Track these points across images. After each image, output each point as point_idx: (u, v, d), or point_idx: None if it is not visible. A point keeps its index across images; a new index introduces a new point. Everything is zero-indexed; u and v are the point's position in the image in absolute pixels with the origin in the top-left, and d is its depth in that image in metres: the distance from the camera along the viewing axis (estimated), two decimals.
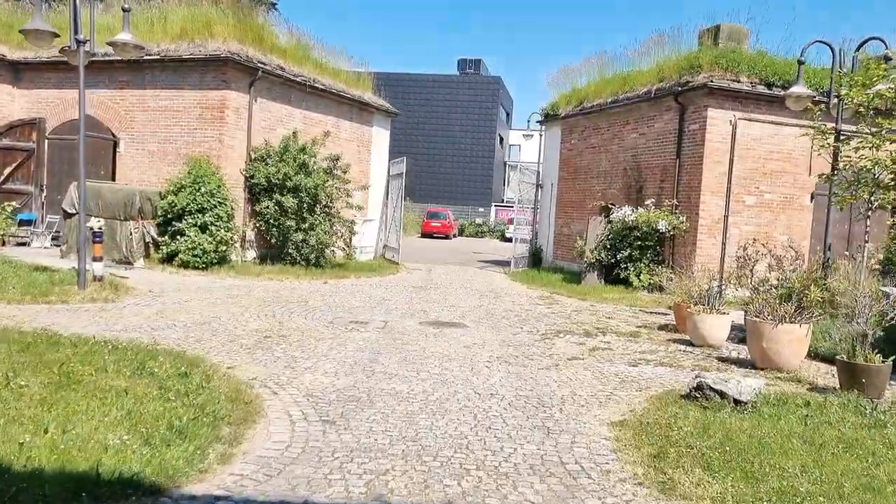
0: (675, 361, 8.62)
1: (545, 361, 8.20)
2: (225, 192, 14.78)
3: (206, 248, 14.22)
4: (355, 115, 19.97)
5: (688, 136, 15.44)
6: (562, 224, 20.70)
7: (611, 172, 18.33)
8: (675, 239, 15.67)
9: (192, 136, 15.56)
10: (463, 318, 11.39)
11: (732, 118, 14.94)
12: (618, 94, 17.87)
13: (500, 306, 13.12)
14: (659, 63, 16.69)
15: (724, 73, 14.86)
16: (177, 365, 6.31)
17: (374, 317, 10.93)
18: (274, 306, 11.13)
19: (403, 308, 12.12)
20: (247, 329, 9.03)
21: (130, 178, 16.14)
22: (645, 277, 15.62)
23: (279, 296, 12.32)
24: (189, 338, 8.17)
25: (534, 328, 10.78)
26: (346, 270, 16.85)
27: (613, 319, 12.10)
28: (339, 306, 11.75)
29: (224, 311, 10.29)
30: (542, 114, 21.57)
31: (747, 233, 15.33)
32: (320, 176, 16.35)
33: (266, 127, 16.47)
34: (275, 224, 15.87)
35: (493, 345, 9.17)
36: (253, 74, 15.63)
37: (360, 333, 9.36)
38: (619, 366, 8.18)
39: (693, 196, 15.23)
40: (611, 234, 16.54)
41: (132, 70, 16.01)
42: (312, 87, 17.48)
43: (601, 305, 13.92)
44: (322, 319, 10.29)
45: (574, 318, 11.94)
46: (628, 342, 9.88)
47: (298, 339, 8.58)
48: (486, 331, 10.29)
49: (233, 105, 15.40)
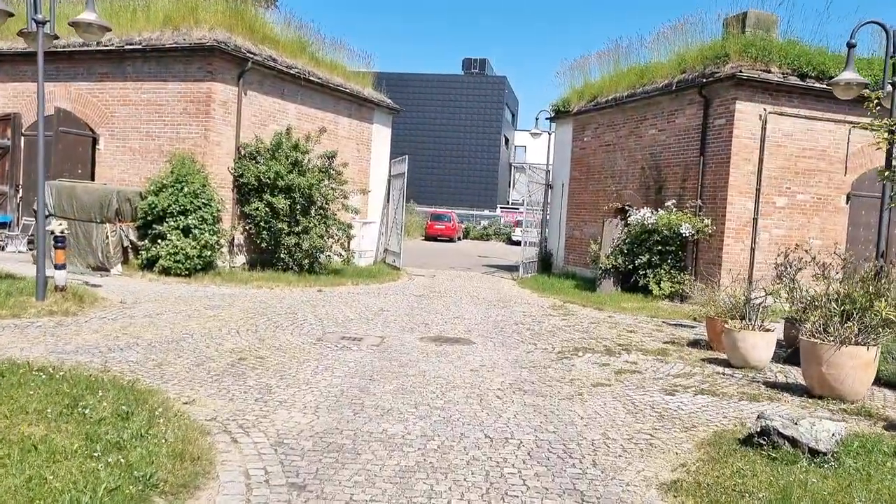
0: (716, 388, 7.40)
1: (566, 389, 6.99)
2: (210, 192, 13.62)
3: (189, 253, 13.06)
4: (354, 111, 18.80)
5: (713, 132, 14.21)
6: (573, 227, 19.48)
7: (627, 172, 17.11)
8: (699, 243, 14.44)
9: (175, 132, 14.40)
10: (469, 333, 10.20)
11: (762, 112, 13.75)
12: (634, 87, 16.65)
13: (510, 318, 11.92)
14: (680, 53, 15.46)
15: (754, 63, 13.62)
16: (120, 401, 5.13)
17: (370, 331, 9.74)
18: (258, 319, 9.95)
19: (403, 320, 10.94)
20: (221, 349, 7.84)
21: (111, 177, 14.99)
22: (666, 285, 14.40)
23: (266, 306, 11.14)
24: (149, 361, 6.98)
25: (548, 344, 9.59)
26: (342, 277, 15.67)
27: (636, 333, 10.89)
28: (332, 319, 10.57)
29: (199, 325, 9.11)
30: (551, 110, 20.36)
31: (777, 237, 14.11)
32: (315, 175, 15.19)
33: (257, 122, 15.31)
34: (265, 227, 14.70)
35: (504, 366, 7.98)
36: (242, 65, 14.46)
37: (352, 353, 8.17)
38: (652, 394, 6.97)
39: (719, 197, 14.00)
40: (628, 238, 15.32)
41: (112, 61, 14.87)
42: (307, 80, 16.32)
43: (620, 316, 12.71)
44: (310, 335, 9.11)
45: (592, 333, 10.74)
46: (657, 362, 8.67)
47: (278, 362, 7.39)
48: (496, 348, 9.10)
49: (219, 98, 14.24)
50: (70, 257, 13.39)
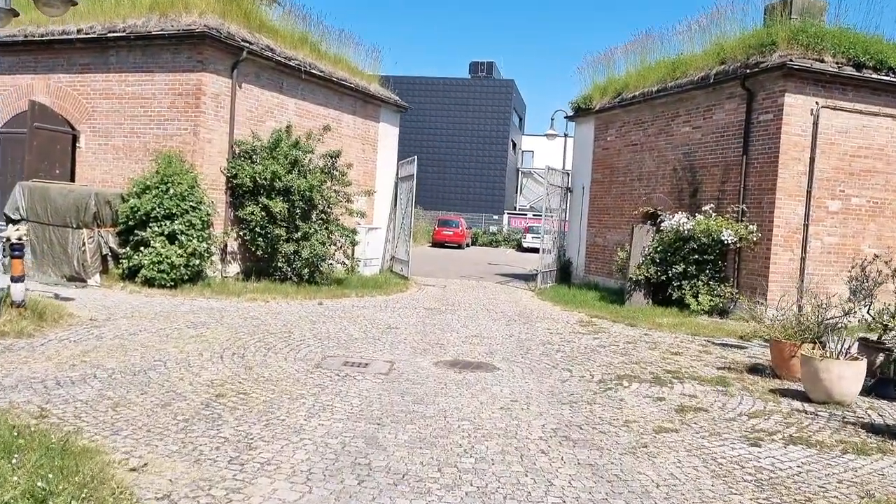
0: (807, 435, 5.98)
1: (624, 437, 5.58)
2: (200, 194, 12.26)
3: (174, 262, 11.69)
4: (359, 108, 17.45)
5: (758, 129, 12.80)
6: (595, 233, 18.07)
7: (656, 173, 15.70)
8: (742, 252, 13.01)
9: (162, 129, 13.05)
10: (491, 355, 8.81)
11: (814, 106, 12.34)
12: (665, 81, 15.24)
13: (535, 336, 10.52)
14: (718, 43, 14.05)
15: (805, 52, 12.22)
16: (41, 469, 3.76)
17: (377, 354, 8.35)
18: (247, 340, 8.56)
19: (414, 340, 9.55)
20: (197, 381, 6.46)
21: (92, 178, 13.65)
22: (704, 299, 12.97)
23: (258, 323, 9.76)
24: (103, 400, 5.60)
25: (585, 370, 8.19)
26: (346, 288, 14.29)
27: (682, 356, 9.47)
28: (333, 338, 9.19)
29: (177, 349, 7.73)
30: (571, 108, 18.96)
31: (830, 245, 12.69)
32: (316, 176, 13.82)
33: (253, 118, 13.97)
34: (261, 233, 13.33)
35: (540, 401, 6.58)
36: (236, 55, 13.12)
37: (357, 384, 6.78)
38: (733, 445, 5.56)
39: (765, 200, 12.58)
40: (660, 246, 13.90)
41: (94, 50, 13.54)
42: (308, 73, 14.97)
43: (657, 335, 11.29)
44: (307, 360, 7.72)
45: (632, 355, 9.32)
46: (720, 395, 7.25)
47: (266, 400, 6.00)
48: (525, 375, 7.70)
49: (211, 91, 12.89)
50: (43, 266, 12.09)
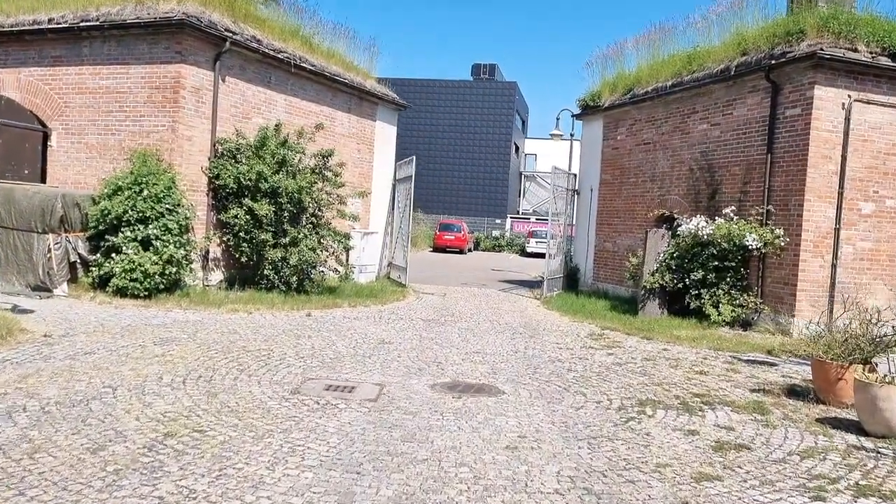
0: (876, 482, 4.95)
1: (656, 488, 4.57)
2: (178, 196, 11.29)
3: (148, 270, 10.70)
4: (354, 105, 16.48)
5: (784, 124, 11.79)
6: (604, 238, 17.05)
7: (671, 174, 14.69)
8: (766, 258, 11.98)
9: (138, 125, 12.08)
10: (495, 375, 7.81)
11: (846, 99, 11.33)
12: (681, 75, 14.25)
13: (543, 351, 9.51)
14: (739, 33, 13.05)
15: (836, 41, 11.22)
16: None
17: (366, 375, 7.36)
18: (219, 359, 7.57)
19: (409, 357, 8.54)
20: (145, 415, 5.46)
21: (64, 179, 12.68)
22: (726, 309, 11.94)
23: (235, 339, 8.77)
24: (21, 443, 4.60)
25: (601, 393, 7.18)
26: (338, 297, 13.28)
27: (708, 375, 8.45)
28: (317, 356, 8.19)
29: (134, 372, 6.73)
30: (578, 105, 17.96)
31: (863, 251, 11.67)
32: (306, 177, 12.84)
33: (238, 115, 13.00)
34: (245, 238, 12.34)
35: (552, 437, 5.58)
36: (218, 46, 12.15)
37: (338, 416, 5.78)
38: (791, 497, 4.54)
39: (793, 202, 11.56)
40: (676, 252, 12.88)
41: (66, 41, 12.58)
42: (298, 66, 13.99)
43: (676, 349, 10.28)
44: (284, 384, 6.72)
45: (652, 374, 8.31)
46: (761, 427, 6.23)
47: (223, 441, 4.99)
48: (533, 401, 6.71)
49: (190, 84, 11.92)
50: (7, 275, 11.13)
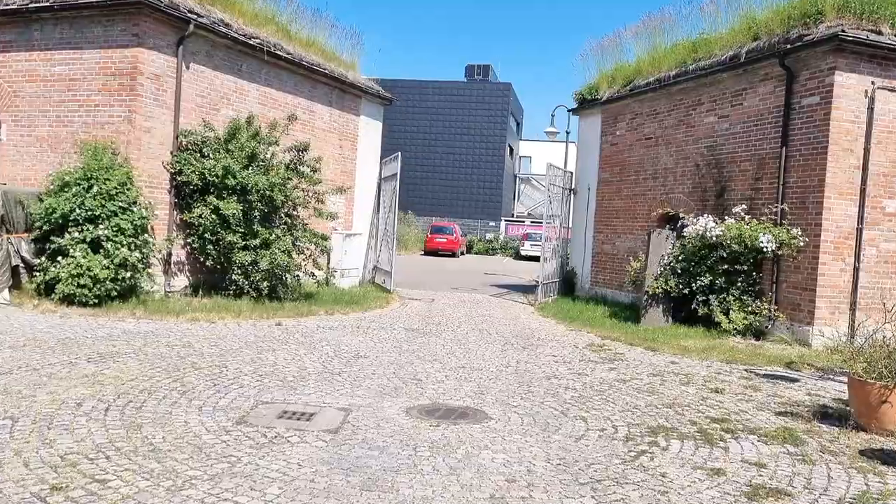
0: None
1: None
2: (133, 193, 10.22)
3: (97, 276, 9.62)
4: (336, 98, 15.42)
5: (800, 115, 10.80)
6: (603, 240, 16.02)
7: (674, 171, 13.67)
8: (781, 261, 10.98)
9: (93, 116, 11.01)
10: (482, 396, 6.76)
11: (869, 86, 10.34)
12: (685, 64, 13.26)
13: (537, 366, 8.46)
14: (750, 16, 12.05)
15: (859, 22, 10.24)
16: None
17: (331, 398, 6.29)
18: (160, 379, 6.49)
19: (385, 373, 7.49)
20: (38, 458, 4.37)
21: (13, 175, 11.57)
22: (737, 316, 10.93)
23: (187, 354, 7.69)
24: None
25: (605, 418, 6.14)
26: (315, 304, 12.21)
27: (724, 394, 7.42)
28: (279, 373, 7.13)
29: (49, 397, 5.65)
30: (575, 100, 16.95)
31: (888, 252, 10.68)
32: (279, 173, 11.78)
33: (204, 105, 11.93)
34: (211, 240, 11.28)
35: (549, 479, 4.54)
36: (182, 29, 11.09)
37: (286, 453, 4.71)
38: None
39: (810, 200, 10.55)
40: (682, 255, 11.87)
41: (16, 25, 11.49)
42: (272, 54, 12.94)
43: (686, 362, 9.25)
44: (230, 410, 5.65)
45: (662, 394, 7.27)
46: (798, 462, 5.19)
47: (124, 497, 3.91)
48: (525, 428, 5.67)
49: (150, 70, 10.85)
50: None
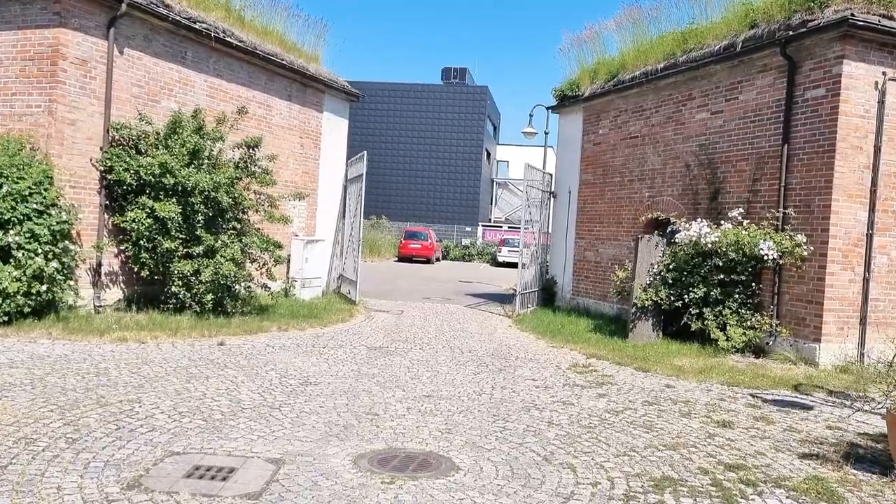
0: None
1: None
2: (52, 194, 8.90)
3: (7, 289, 8.27)
4: (296, 92, 14.19)
5: (804, 109, 9.80)
6: (585, 247, 14.95)
7: (663, 172, 12.63)
8: (783, 271, 9.96)
9: (9, 106, 9.66)
10: (449, 436, 5.59)
11: (881, 77, 9.37)
12: (674, 56, 12.24)
13: (515, 393, 7.31)
14: (745, 2, 11.04)
15: (868, 6, 9.28)
16: None
17: (261, 445, 5.06)
18: (49, 422, 5.21)
19: (336, 407, 6.27)
20: None
21: None
22: (735, 332, 9.88)
23: (98, 384, 6.40)
24: None
25: (597, 466, 5.00)
26: (268, 318, 10.95)
27: (733, 429, 6.32)
28: (205, 408, 5.88)
29: None
30: (555, 97, 15.88)
31: None
32: (226, 172, 10.53)
33: (141, 96, 10.64)
34: (147, 247, 9.98)
35: None
36: (113, 9, 9.80)
37: None
38: None
39: (816, 203, 9.55)
40: (673, 263, 10.81)
41: None
42: (222, 41, 11.69)
43: (683, 385, 8.16)
44: (124, 468, 4.40)
45: (660, 430, 6.14)
46: None
47: None
48: (500, 484, 4.50)
49: (74, 55, 9.55)
50: None
